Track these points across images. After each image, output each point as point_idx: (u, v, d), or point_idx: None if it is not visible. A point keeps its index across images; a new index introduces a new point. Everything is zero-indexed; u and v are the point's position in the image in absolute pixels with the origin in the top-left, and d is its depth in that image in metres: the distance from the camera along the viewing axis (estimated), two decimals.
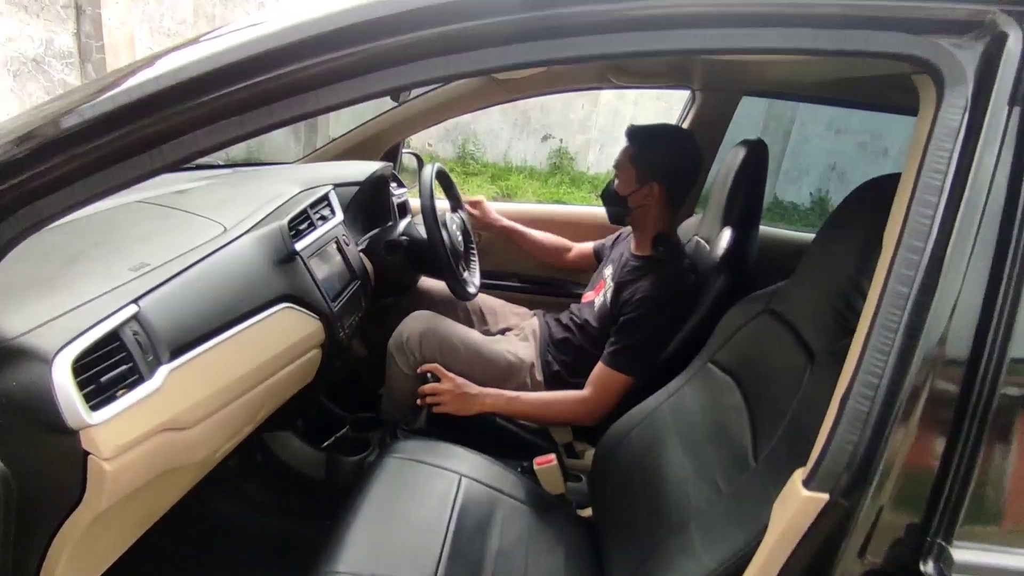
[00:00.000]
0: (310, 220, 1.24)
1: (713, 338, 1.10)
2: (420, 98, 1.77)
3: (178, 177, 1.44)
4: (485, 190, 6.61)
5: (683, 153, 1.39)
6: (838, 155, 7.04)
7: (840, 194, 5.40)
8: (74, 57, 3.49)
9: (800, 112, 7.14)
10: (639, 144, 1.39)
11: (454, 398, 1.32)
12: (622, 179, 1.41)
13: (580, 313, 1.55)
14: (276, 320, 1.03)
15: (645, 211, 1.41)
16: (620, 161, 1.41)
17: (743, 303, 1.06)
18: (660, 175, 1.37)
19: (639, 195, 1.39)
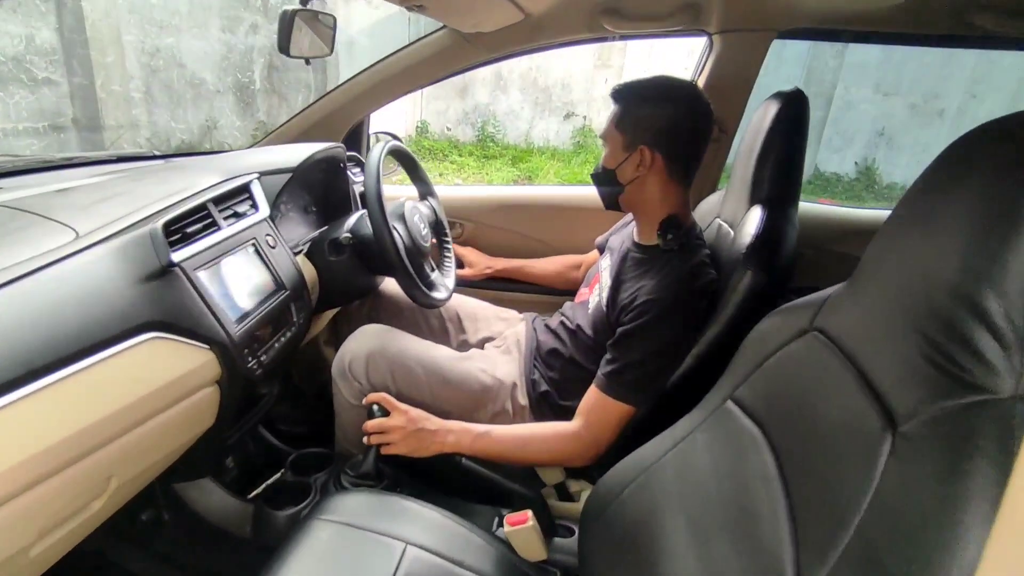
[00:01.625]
0: (212, 220, 0.98)
1: (736, 363, 0.80)
2: (380, 65, 1.48)
3: (77, 173, 1.20)
4: (505, 173, 6.31)
5: (682, 107, 1.08)
6: (887, 119, 6.46)
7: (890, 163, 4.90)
8: (58, 54, 3.33)
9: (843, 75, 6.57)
10: (624, 102, 1.10)
11: (406, 436, 1.04)
12: (609, 151, 1.13)
13: (573, 316, 1.26)
14: (138, 355, 0.77)
15: (641, 187, 1.11)
16: (605, 129, 1.14)
17: (778, 314, 0.75)
18: (652, 137, 1.07)
19: (628, 166, 1.09)
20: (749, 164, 1.10)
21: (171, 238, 0.88)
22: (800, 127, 1.05)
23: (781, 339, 0.70)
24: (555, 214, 1.62)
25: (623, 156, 1.09)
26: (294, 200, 1.39)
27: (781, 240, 1.02)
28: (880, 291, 0.58)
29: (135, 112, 3.80)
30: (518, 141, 7.78)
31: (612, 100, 1.12)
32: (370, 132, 1.71)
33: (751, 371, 0.74)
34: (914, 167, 6.45)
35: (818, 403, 0.62)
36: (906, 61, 6.20)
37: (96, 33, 3.39)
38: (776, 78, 1.32)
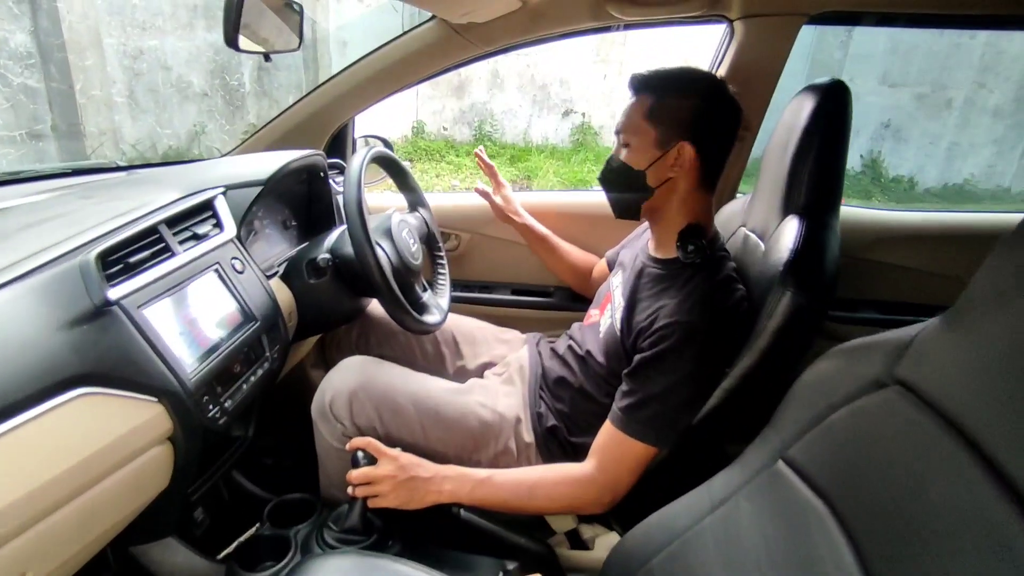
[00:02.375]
0: (164, 245, 0.84)
1: (785, 412, 0.66)
2: (363, 62, 1.34)
3: (22, 190, 1.07)
4: (503, 172, 6.15)
5: (716, 100, 0.96)
6: (893, 111, 6.31)
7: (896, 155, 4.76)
8: (34, 58, 3.18)
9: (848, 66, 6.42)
10: (657, 92, 0.97)
11: (396, 487, 0.91)
12: (636, 148, 0.98)
13: (582, 340, 1.12)
14: (63, 417, 0.64)
15: (670, 192, 0.98)
16: (629, 123, 0.99)
17: (840, 356, 0.61)
18: (692, 131, 0.94)
19: (663, 166, 0.96)
20: (782, 167, 0.96)
21: (111, 270, 0.74)
22: (842, 124, 0.91)
23: (848, 390, 0.57)
24: (561, 223, 1.48)
25: (656, 154, 0.96)
26: (270, 215, 1.25)
27: (823, 255, 0.88)
28: (997, 334, 0.45)
29: (118, 118, 3.66)
30: (516, 140, 7.63)
31: (635, 89, 0.99)
32: (355, 136, 1.57)
33: (807, 427, 0.60)
34: (921, 159, 6.30)
35: (910, 479, 0.49)
36: (913, 51, 6.05)
37: (74, 35, 3.24)
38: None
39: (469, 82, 7.44)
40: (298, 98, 1.40)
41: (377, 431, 1.01)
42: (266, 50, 1.02)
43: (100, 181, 1.12)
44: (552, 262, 1.42)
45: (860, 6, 1.13)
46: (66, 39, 3.20)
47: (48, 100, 3.27)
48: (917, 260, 1.35)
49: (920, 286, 1.37)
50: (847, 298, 1.36)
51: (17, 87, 3.13)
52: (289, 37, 1.08)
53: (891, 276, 1.37)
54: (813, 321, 0.87)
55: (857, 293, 1.38)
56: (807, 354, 0.92)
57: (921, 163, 6.33)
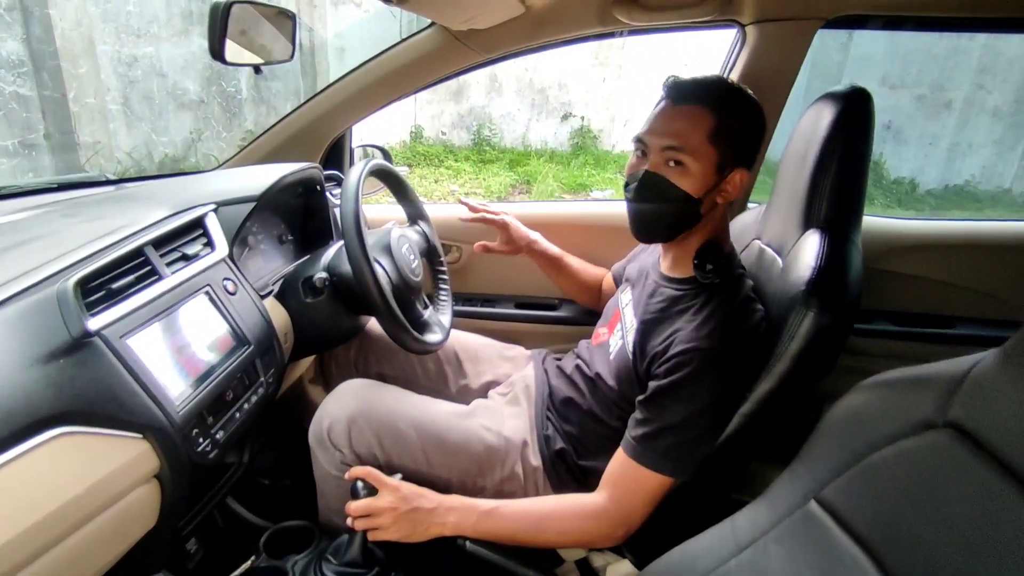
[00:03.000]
0: (151, 268, 0.79)
1: (816, 447, 0.61)
2: (360, 71, 1.29)
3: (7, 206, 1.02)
4: (502, 178, 6.12)
5: (759, 116, 0.90)
6: (893, 112, 6.28)
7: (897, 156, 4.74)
8: (27, 66, 3.14)
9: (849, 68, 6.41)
10: (721, 109, 0.86)
11: (398, 519, 0.86)
12: (693, 171, 0.86)
13: (590, 360, 1.07)
14: (39, 460, 0.59)
15: (711, 218, 0.92)
16: (687, 138, 0.85)
17: (881, 389, 0.57)
18: (742, 155, 0.89)
19: (718, 193, 0.89)
20: (800, 179, 0.91)
21: (91, 297, 0.69)
22: (865, 134, 0.87)
23: (891, 430, 0.52)
24: (565, 233, 1.43)
25: (715, 180, 0.88)
26: (265, 229, 1.21)
27: (847, 272, 0.84)
28: None
29: (113, 126, 3.62)
30: (515, 144, 7.60)
31: (686, 99, 0.87)
32: (353, 146, 1.53)
33: (843, 466, 0.56)
34: (921, 160, 6.28)
35: (963, 530, 0.44)
36: (912, 52, 6.04)
37: (67, 43, 3.20)
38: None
39: (467, 86, 7.41)
40: (293, 108, 1.35)
41: (378, 458, 0.96)
42: (258, 62, 0.96)
43: (86, 197, 1.07)
44: (563, 282, 1.34)
45: (876, 9, 1.09)
46: (59, 47, 3.15)
47: (41, 108, 3.22)
48: (933, 270, 1.31)
49: (936, 297, 1.33)
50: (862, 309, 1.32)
51: (9, 95, 3.09)
52: (282, 47, 1.02)
53: (906, 286, 1.33)
54: (837, 342, 0.83)
55: (872, 304, 1.33)
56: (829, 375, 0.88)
57: (921, 164, 6.30)
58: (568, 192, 6.00)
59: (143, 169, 3.81)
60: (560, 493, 1.01)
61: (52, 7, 3.09)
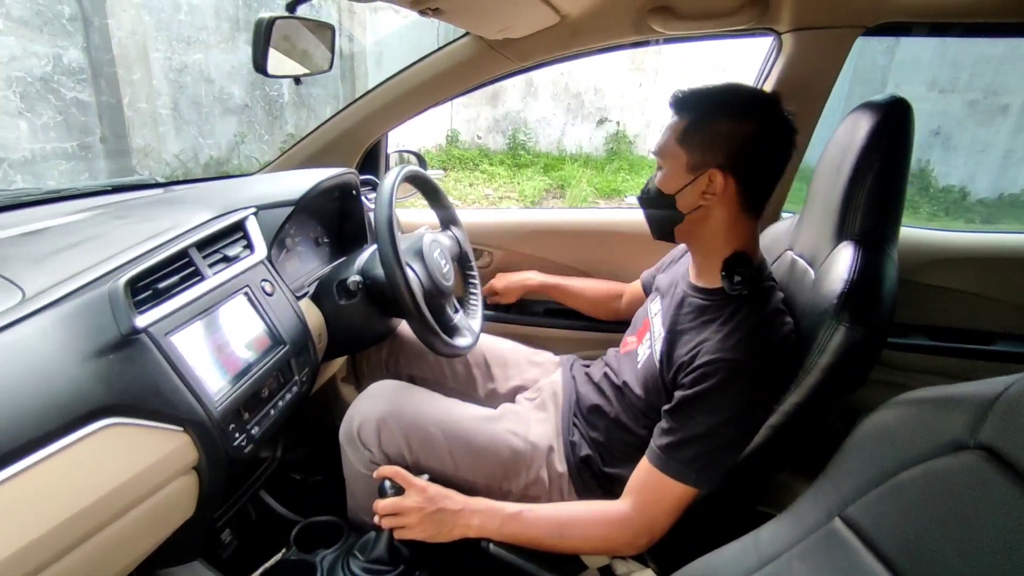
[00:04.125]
0: (194, 268, 0.83)
1: (843, 462, 0.61)
2: (396, 79, 1.33)
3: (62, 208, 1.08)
4: (537, 182, 6.13)
5: (766, 123, 0.87)
6: (942, 118, 6.05)
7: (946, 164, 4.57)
8: (86, 73, 3.30)
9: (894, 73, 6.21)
10: (694, 113, 0.89)
11: (424, 519, 0.88)
12: (667, 171, 0.93)
13: (618, 368, 1.08)
14: (89, 449, 0.63)
15: (704, 218, 0.91)
16: (664, 144, 0.92)
17: (910, 406, 0.56)
18: (726, 158, 0.87)
19: (692, 192, 0.89)
20: (835, 189, 0.90)
21: (139, 296, 0.73)
22: (903, 145, 0.85)
23: (921, 449, 0.51)
24: (597, 240, 1.44)
25: (686, 179, 0.89)
26: (303, 232, 1.25)
27: (880, 286, 0.82)
28: None
29: (163, 129, 3.77)
30: (550, 148, 7.61)
31: (673, 109, 0.92)
32: (388, 152, 1.56)
33: (870, 484, 0.55)
34: (972, 168, 6.03)
35: (994, 555, 0.43)
36: (963, 56, 5.81)
37: (123, 51, 3.35)
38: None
39: (503, 91, 7.46)
40: (331, 115, 1.39)
41: (406, 459, 0.98)
42: (298, 73, 1.00)
43: (136, 199, 1.12)
44: (572, 303, 1.44)
45: (919, 17, 1.06)
46: (115, 54, 3.31)
47: (98, 113, 3.39)
48: (975, 284, 1.27)
49: (977, 312, 1.28)
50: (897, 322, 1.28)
51: (69, 101, 3.25)
52: (322, 58, 1.06)
53: (945, 300, 1.29)
54: (869, 357, 0.81)
55: (909, 317, 1.30)
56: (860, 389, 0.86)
57: (972, 172, 6.05)
58: (602, 197, 5.97)
59: (189, 171, 3.96)
60: (585, 498, 1.01)
61: (110, 17, 3.24)
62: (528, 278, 1.44)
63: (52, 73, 3.15)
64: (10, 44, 2.95)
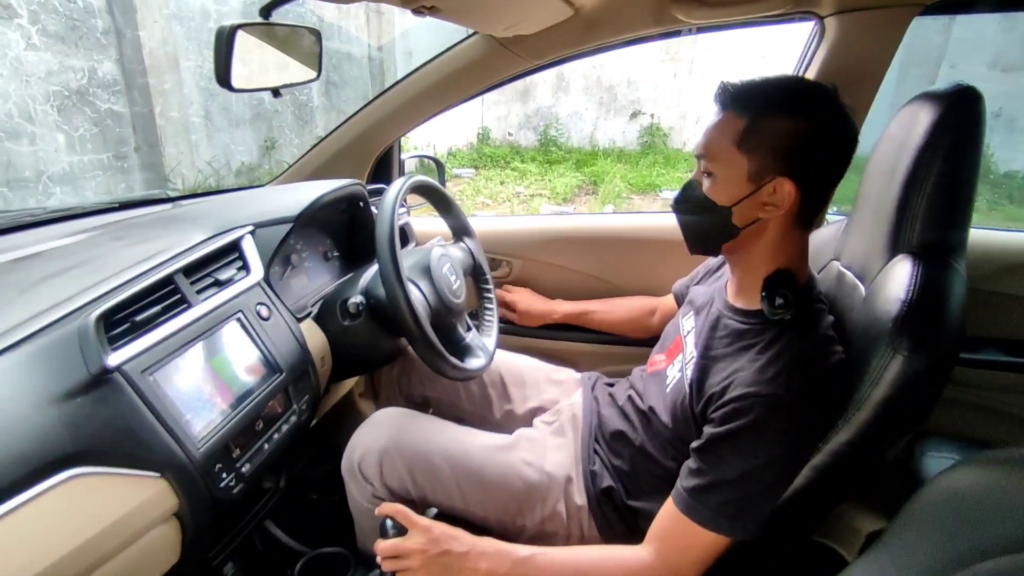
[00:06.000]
0: (181, 296, 0.78)
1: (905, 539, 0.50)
2: (405, 83, 1.26)
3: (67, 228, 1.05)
4: (569, 179, 6.02)
5: (830, 123, 0.75)
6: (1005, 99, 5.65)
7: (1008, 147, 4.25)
8: (120, 85, 3.37)
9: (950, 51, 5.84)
10: (753, 111, 0.76)
11: (427, 562, 0.81)
12: (721, 179, 0.79)
13: (644, 391, 0.98)
14: (53, 502, 0.58)
15: (759, 233, 0.80)
16: (714, 147, 0.78)
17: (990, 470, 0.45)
18: (790, 163, 0.75)
19: (754, 203, 0.77)
20: (889, 193, 0.78)
21: (115, 330, 0.68)
22: (972, 142, 0.73)
23: (1010, 533, 0.41)
24: (623, 248, 1.34)
25: (747, 189, 0.77)
26: (310, 247, 1.19)
27: (945, 306, 0.70)
28: None
29: (195, 137, 3.82)
30: (582, 143, 7.48)
31: (723, 104, 0.78)
32: (403, 157, 1.50)
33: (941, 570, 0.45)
34: None
35: None
36: None
37: (154, 61, 3.41)
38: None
39: (534, 86, 7.36)
40: (340, 123, 1.34)
41: (410, 492, 0.92)
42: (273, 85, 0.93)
43: (138, 218, 1.09)
44: (599, 327, 1.35)
45: None
46: (147, 65, 3.36)
47: (132, 123, 3.45)
48: None
49: None
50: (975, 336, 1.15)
51: (104, 112, 3.32)
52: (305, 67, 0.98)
53: (1017, 311, 1.14)
54: (933, 388, 0.70)
55: (976, 330, 1.16)
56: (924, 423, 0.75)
57: None
58: (636, 193, 5.82)
59: (222, 178, 4.02)
60: (606, 534, 0.93)
61: (142, 29, 3.30)
62: (552, 310, 1.37)
63: (87, 86, 3.22)
64: (47, 59, 3.02)
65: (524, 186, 5.94)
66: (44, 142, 3.07)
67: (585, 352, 1.39)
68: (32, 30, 2.93)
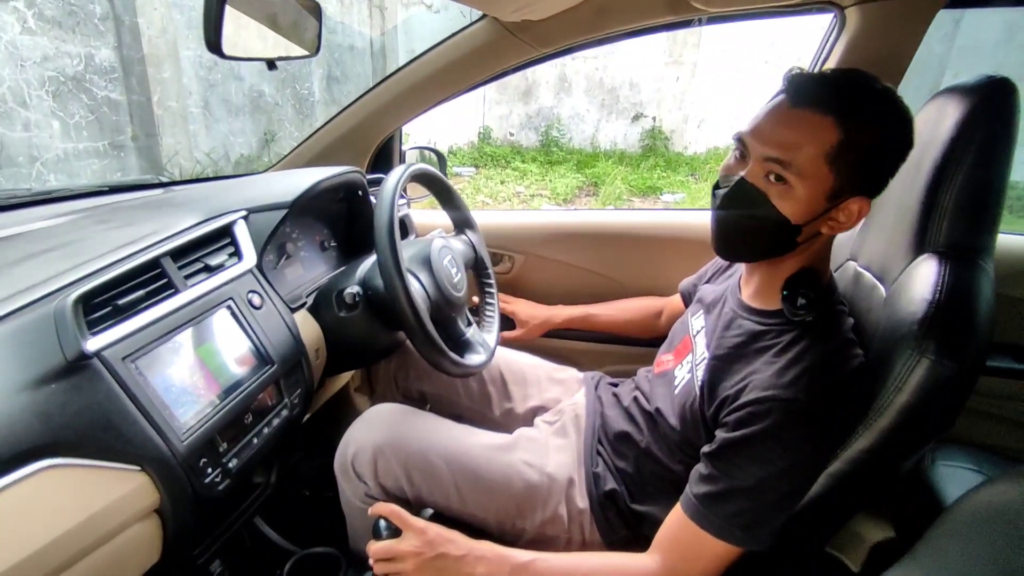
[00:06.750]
0: (167, 280, 0.74)
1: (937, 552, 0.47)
2: (408, 69, 1.22)
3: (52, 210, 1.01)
4: (569, 179, 5.98)
5: (902, 133, 0.69)
6: None
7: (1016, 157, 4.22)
8: (117, 72, 3.32)
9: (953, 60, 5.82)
10: (855, 121, 0.66)
11: (421, 566, 0.77)
12: (799, 194, 0.69)
13: (651, 392, 0.95)
14: (23, 494, 0.54)
15: (809, 246, 0.75)
16: (799, 153, 0.68)
17: None
18: (872, 182, 0.70)
19: (822, 222, 0.72)
20: (913, 191, 0.75)
21: (94, 314, 0.64)
22: (1007, 136, 0.70)
23: None
24: (627, 244, 1.30)
25: (824, 207, 0.70)
26: (307, 236, 1.15)
27: (974, 308, 0.67)
28: None
29: (193, 127, 3.78)
30: (584, 145, 7.45)
31: (809, 101, 0.69)
32: (404, 148, 1.46)
33: None
34: None
35: None
36: None
37: (153, 49, 3.36)
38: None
39: (536, 86, 7.33)
40: (339, 110, 1.30)
41: (405, 492, 0.88)
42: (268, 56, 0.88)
43: (126, 202, 1.05)
44: (604, 329, 1.30)
45: None
46: (146, 53, 3.31)
47: (129, 112, 3.40)
48: None
49: None
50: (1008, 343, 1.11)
51: (101, 100, 3.27)
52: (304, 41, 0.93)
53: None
54: (960, 395, 0.66)
55: (999, 335, 1.13)
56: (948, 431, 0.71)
57: None
58: (637, 195, 5.79)
59: (220, 168, 3.97)
60: (608, 539, 0.89)
61: (141, 16, 3.25)
62: (553, 315, 1.31)
63: (84, 72, 3.17)
64: (43, 44, 2.97)
65: (524, 186, 5.90)
66: (39, 128, 3.02)
67: (588, 351, 1.36)
68: (28, 14, 2.88)
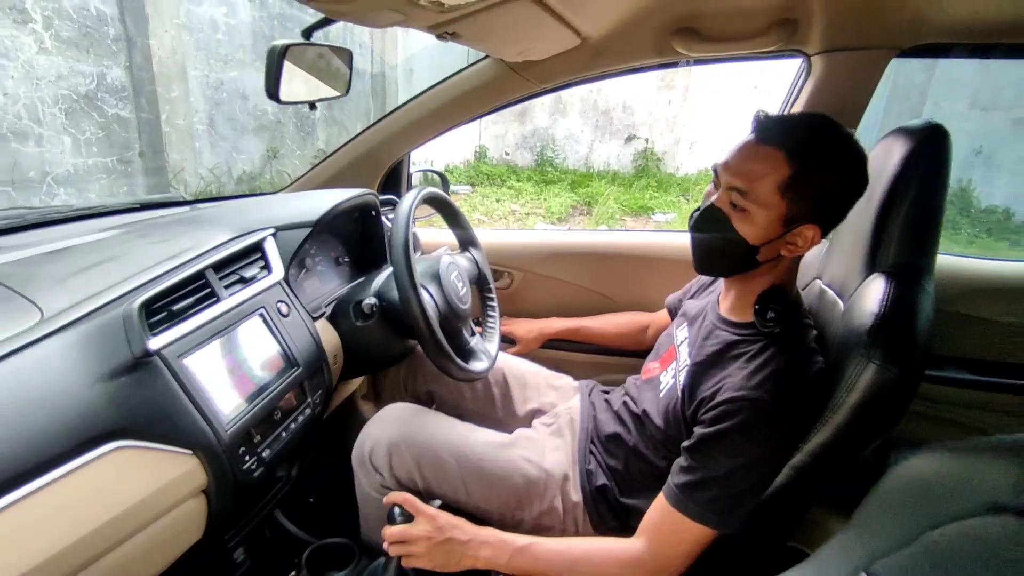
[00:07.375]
0: (211, 290, 0.84)
1: (869, 514, 0.57)
2: (418, 100, 1.33)
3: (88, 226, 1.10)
4: (563, 199, 6.13)
5: (859, 172, 0.80)
6: (984, 136, 5.86)
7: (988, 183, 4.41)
8: (128, 91, 3.43)
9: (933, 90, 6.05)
10: (804, 160, 0.77)
11: (432, 548, 0.86)
12: (755, 220, 0.81)
13: (638, 397, 1.05)
14: (98, 472, 0.63)
15: (771, 266, 0.87)
16: (754, 184, 0.79)
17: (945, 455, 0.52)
18: (820, 211, 0.80)
19: (779, 244, 0.83)
20: (866, 218, 0.86)
21: (154, 318, 0.74)
22: (940, 173, 0.81)
23: (956, 507, 0.47)
24: (619, 263, 1.41)
25: (779, 231, 0.81)
26: (323, 252, 1.25)
27: (914, 320, 0.78)
28: None
29: (198, 144, 3.88)
30: (578, 165, 7.62)
31: (766, 141, 0.79)
32: (411, 171, 1.57)
33: (900, 541, 0.51)
34: (1018, 187, 5.81)
35: None
36: (1008, 73, 5.63)
37: (163, 69, 3.48)
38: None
39: (532, 108, 7.51)
40: (353, 136, 1.41)
41: (417, 484, 0.97)
42: (312, 99, 1.00)
43: (161, 218, 1.14)
44: (595, 340, 1.40)
45: (958, 38, 1.02)
46: (156, 72, 3.43)
47: (137, 129, 3.51)
48: (1014, 314, 1.20)
49: (1015, 344, 1.22)
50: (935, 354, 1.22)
51: (111, 117, 3.37)
52: (337, 83, 1.06)
53: (980, 332, 1.23)
54: (903, 396, 0.77)
55: (946, 349, 1.24)
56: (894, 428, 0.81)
57: (1018, 192, 5.83)
58: (629, 215, 5.93)
59: (223, 185, 4.07)
60: (600, 529, 0.99)
61: (152, 37, 3.37)
62: (548, 326, 1.41)
63: (96, 91, 3.28)
64: (58, 64, 3.08)
65: (519, 204, 6.04)
66: (50, 144, 3.12)
67: (582, 362, 1.46)
68: (45, 35, 2.99)
